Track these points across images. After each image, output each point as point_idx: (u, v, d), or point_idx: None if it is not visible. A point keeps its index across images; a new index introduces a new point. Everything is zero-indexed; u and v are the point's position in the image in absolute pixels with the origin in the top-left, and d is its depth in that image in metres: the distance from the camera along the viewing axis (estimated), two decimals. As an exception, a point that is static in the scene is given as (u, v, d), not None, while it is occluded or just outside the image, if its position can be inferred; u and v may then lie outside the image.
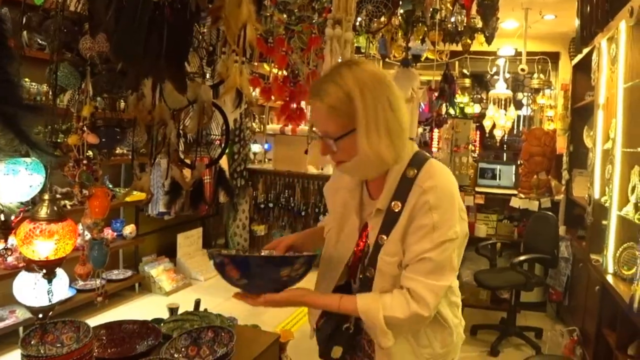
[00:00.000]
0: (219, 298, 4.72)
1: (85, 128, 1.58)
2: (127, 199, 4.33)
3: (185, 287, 4.98)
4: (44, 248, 1.33)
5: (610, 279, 2.80)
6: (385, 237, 1.30)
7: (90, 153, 1.72)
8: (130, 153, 2.40)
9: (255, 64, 4.25)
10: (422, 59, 4.36)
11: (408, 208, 1.28)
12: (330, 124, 1.25)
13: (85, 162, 1.60)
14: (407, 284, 1.27)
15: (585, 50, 4.03)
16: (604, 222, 3.07)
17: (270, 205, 5.78)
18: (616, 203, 2.88)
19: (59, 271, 1.41)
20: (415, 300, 1.25)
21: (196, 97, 1.43)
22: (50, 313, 1.45)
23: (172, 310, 2.41)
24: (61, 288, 1.45)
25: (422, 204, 1.26)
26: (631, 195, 2.74)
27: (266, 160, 6.57)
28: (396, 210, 1.29)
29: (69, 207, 3.71)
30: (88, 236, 1.89)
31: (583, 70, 4.26)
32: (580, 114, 4.45)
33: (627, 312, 2.35)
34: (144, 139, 1.61)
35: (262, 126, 6.42)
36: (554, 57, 6.46)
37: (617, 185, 2.88)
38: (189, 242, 5.43)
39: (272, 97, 2.83)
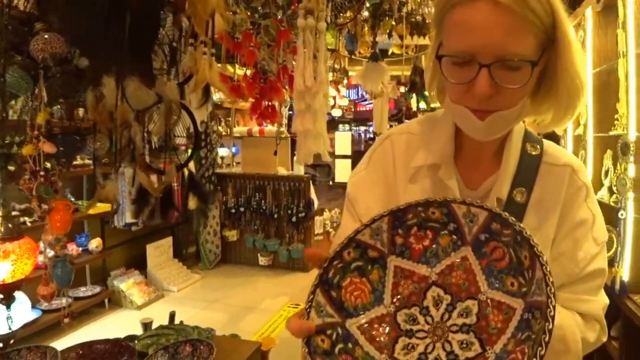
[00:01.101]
0: (194, 308, 4.60)
1: (40, 137, 1.45)
2: (91, 211, 4.15)
3: (158, 299, 4.82)
4: (-1, 270, 1.21)
5: (589, 263, 2.80)
6: None
7: (48, 165, 1.59)
8: (92, 162, 2.26)
9: (219, 65, 4.15)
10: (389, 53, 4.33)
11: (552, 197, 0.90)
12: (527, 39, 0.76)
13: (42, 173, 1.46)
14: (582, 308, 0.89)
15: (550, 38, 4.07)
16: (579, 208, 3.08)
17: (241, 209, 5.68)
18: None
19: (19, 294, 1.28)
20: (599, 322, 0.91)
21: (162, 96, 1.31)
22: (12, 341, 1.33)
23: (146, 326, 2.30)
24: (22, 313, 1.32)
25: (577, 189, 0.90)
26: (605, 179, 2.76)
27: (234, 163, 6.45)
28: (520, 202, 0.89)
29: (28, 224, 3.52)
30: (51, 254, 1.76)
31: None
32: (547, 101, 4.49)
33: (609, 293, 2.35)
34: (106, 145, 1.49)
35: (228, 129, 6.29)
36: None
37: (590, 170, 2.89)
38: (159, 252, 5.26)
39: (241, 97, 2.73)
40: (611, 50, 2.69)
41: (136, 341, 2.04)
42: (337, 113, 7.69)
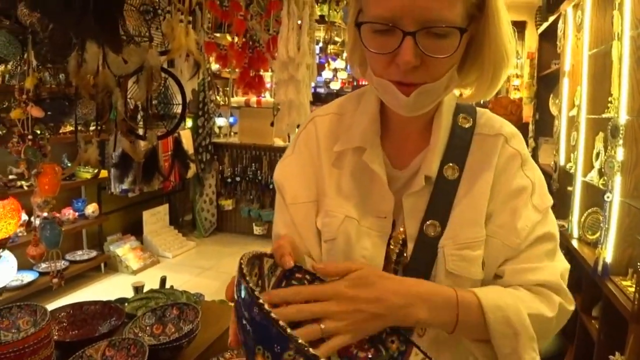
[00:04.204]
0: (188, 275, 4.67)
1: (28, 101, 1.46)
2: (87, 176, 4.19)
3: (153, 264, 4.89)
4: (-16, 230, 1.24)
5: (575, 243, 2.84)
6: (438, 224, 0.82)
7: (38, 131, 1.60)
8: (87, 128, 2.28)
9: (218, 35, 4.11)
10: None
11: (485, 170, 0.83)
12: (454, 4, 0.70)
13: (30, 137, 1.48)
14: (532, 278, 0.80)
15: (551, 18, 4.03)
16: (569, 188, 3.10)
17: (237, 179, 5.70)
18: (581, 169, 2.91)
19: (5, 253, 1.32)
20: (554, 291, 0.81)
21: (143, 63, 1.32)
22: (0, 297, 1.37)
23: (137, 289, 2.35)
24: (8, 272, 1.35)
25: (509, 158, 0.85)
26: (595, 161, 2.77)
27: (232, 133, 6.45)
28: (451, 179, 0.83)
29: (25, 187, 3.55)
30: (45, 215, 1.80)
31: (549, 38, 4.26)
32: (545, 82, 4.47)
33: (592, 275, 2.39)
34: (94, 111, 1.50)
35: (226, 99, 6.27)
36: (520, 26, 6.48)
37: (581, 152, 2.90)
38: (155, 219, 5.32)
39: (233, 65, 2.71)
40: (608, 32, 2.66)
41: (126, 303, 2.09)
42: (335, 86, 7.62)
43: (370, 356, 0.70)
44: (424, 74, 0.73)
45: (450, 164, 0.84)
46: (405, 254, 0.84)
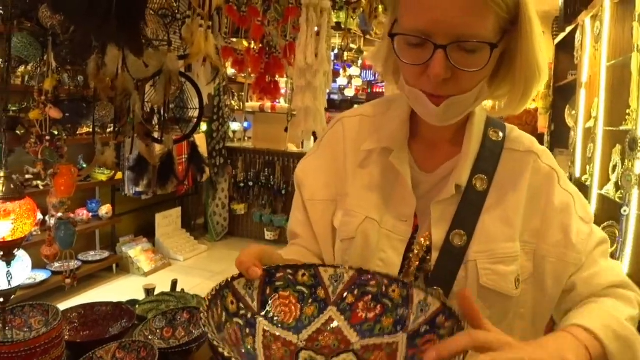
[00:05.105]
0: (199, 278, 4.68)
1: (47, 102, 1.48)
2: (103, 178, 4.22)
3: (165, 267, 4.91)
4: (0, 228, 1.25)
5: (589, 257, 2.80)
6: (464, 233, 0.81)
7: (56, 132, 1.62)
8: (103, 130, 2.30)
9: (234, 40, 4.14)
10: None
11: (514, 185, 0.84)
12: (487, 19, 0.70)
13: (47, 138, 1.50)
14: (602, 282, 0.83)
15: (569, 29, 4.00)
16: (585, 201, 3.07)
17: (250, 184, 5.71)
18: (597, 182, 2.88)
19: (20, 253, 1.33)
20: (623, 288, 0.84)
21: (162, 67, 1.33)
22: (12, 297, 1.38)
23: (148, 291, 2.36)
24: (22, 271, 1.37)
25: (546, 176, 0.86)
26: (612, 174, 2.74)
27: (246, 138, 6.48)
28: (480, 190, 0.83)
29: (41, 187, 3.58)
30: (59, 215, 1.81)
31: (565, 49, 4.24)
32: (561, 93, 4.44)
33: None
34: (112, 113, 1.52)
35: (241, 104, 6.30)
36: (537, 35, 6.45)
37: (598, 164, 2.87)
38: (167, 222, 5.34)
39: (249, 70, 2.73)
40: (627, 44, 2.64)
41: (137, 305, 2.09)
42: (350, 93, 7.63)
43: (378, 312, 0.71)
44: (454, 87, 0.75)
45: (480, 175, 0.84)
46: (428, 261, 0.84)
